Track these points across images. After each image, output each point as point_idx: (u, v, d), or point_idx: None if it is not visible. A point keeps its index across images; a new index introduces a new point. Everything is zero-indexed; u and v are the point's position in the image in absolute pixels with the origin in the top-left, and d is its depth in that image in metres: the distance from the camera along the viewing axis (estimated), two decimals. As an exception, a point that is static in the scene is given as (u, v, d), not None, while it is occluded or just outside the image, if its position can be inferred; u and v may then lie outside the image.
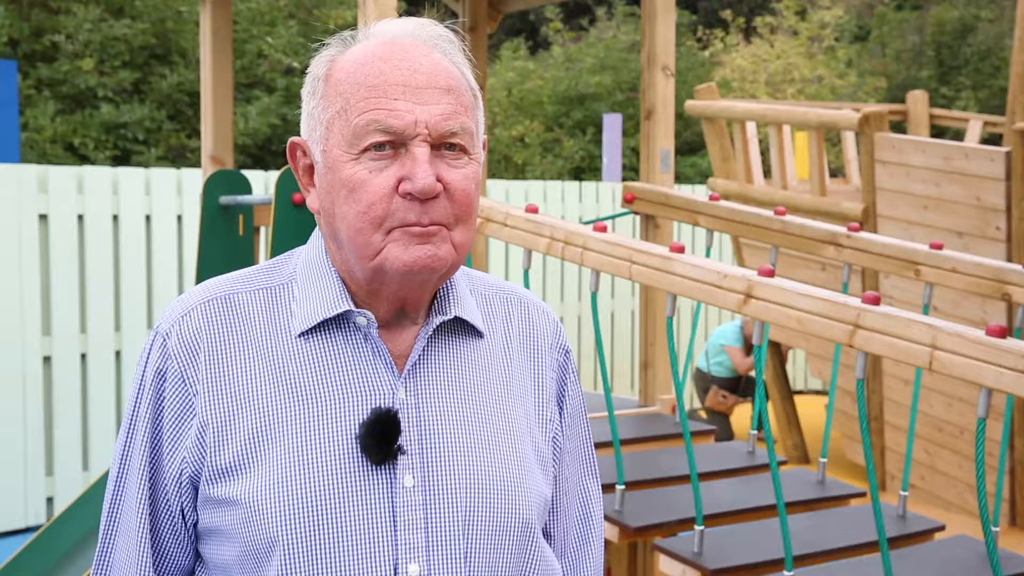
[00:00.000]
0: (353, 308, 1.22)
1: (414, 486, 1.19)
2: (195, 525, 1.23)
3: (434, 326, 1.25)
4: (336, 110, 1.19)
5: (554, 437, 1.35)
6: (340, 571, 1.16)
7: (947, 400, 5.66)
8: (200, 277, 4.21)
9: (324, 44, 1.26)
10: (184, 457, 1.20)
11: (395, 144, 1.17)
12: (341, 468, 1.17)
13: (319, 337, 1.23)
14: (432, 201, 1.17)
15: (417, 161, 1.16)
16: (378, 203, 1.16)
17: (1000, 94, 14.05)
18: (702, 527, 3.04)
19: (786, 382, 7.54)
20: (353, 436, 1.18)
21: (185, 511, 1.23)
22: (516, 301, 1.37)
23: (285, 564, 1.16)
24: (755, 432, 3.97)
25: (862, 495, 3.67)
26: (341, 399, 1.20)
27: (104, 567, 1.27)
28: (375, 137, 1.16)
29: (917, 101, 8.67)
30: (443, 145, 1.18)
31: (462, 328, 1.29)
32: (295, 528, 1.16)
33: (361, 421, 1.18)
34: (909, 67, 16.38)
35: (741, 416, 7.63)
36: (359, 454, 1.18)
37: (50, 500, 5.77)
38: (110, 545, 1.27)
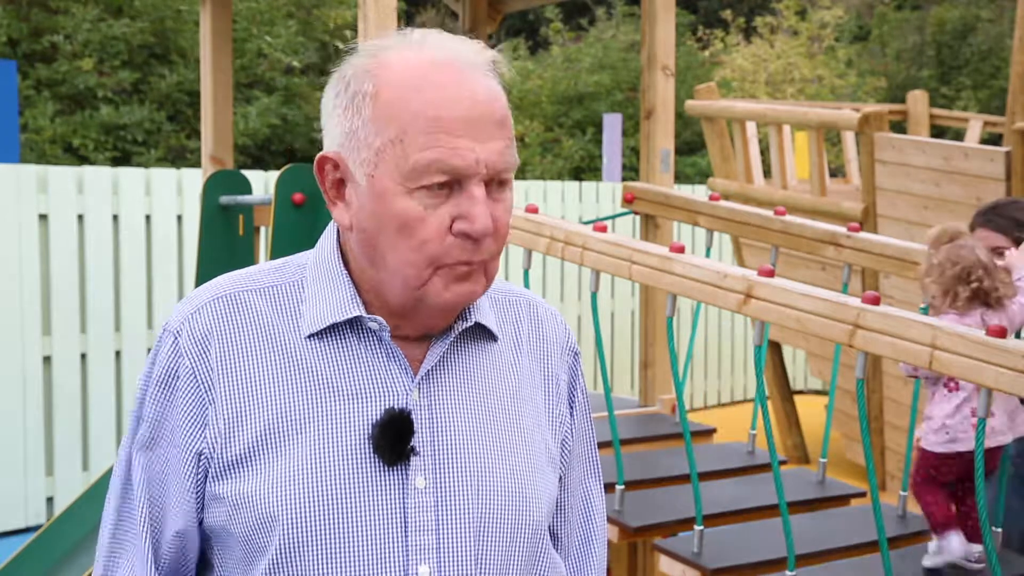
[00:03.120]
0: (364, 314, 1.21)
1: (426, 487, 1.18)
2: (202, 523, 1.23)
3: (456, 333, 1.25)
4: (389, 138, 1.15)
5: (563, 439, 1.35)
6: (349, 571, 1.15)
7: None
8: (200, 277, 4.21)
9: (351, 50, 1.22)
10: (194, 455, 1.20)
11: (451, 182, 1.15)
12: (353, 468, 1.17)
13: (333, 337, 1.22)
14: (483, 240, 1.17)
15: (475, 201, 1.15)
16: (432, 241, 1.15)
17: (1000, 94, 14.05)
18: (702, 527, 3.04)
19: (786, 382, 7.53)
20: (366, 436, 1.18)
21: (194, 509, 1.22)
22: (525, 304, 1.37)
23: (294, 563, 1.15)
24: (755, 432, 3.97)
25: (862, 495, 3.67)
26: (354, 399, 1.20)
27: (107, 567, 1.26)
28: (437, 177, 1.14)
29: (917, 101, 8.66)
30: (494, 181, 1.18)
31: (478, 332, 1.29)
32: (304, 527, 1.15)
33: (374, 421, 1.18)
34: (909, 67, 16.39)
35: (741, 416, 7.62)
36: (371, 454, 1.17)
37: (50, 500, 5.77)
38: (112, 544, 1.26)
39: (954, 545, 2.94)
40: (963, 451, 2.94)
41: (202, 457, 1.20)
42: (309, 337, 1.22)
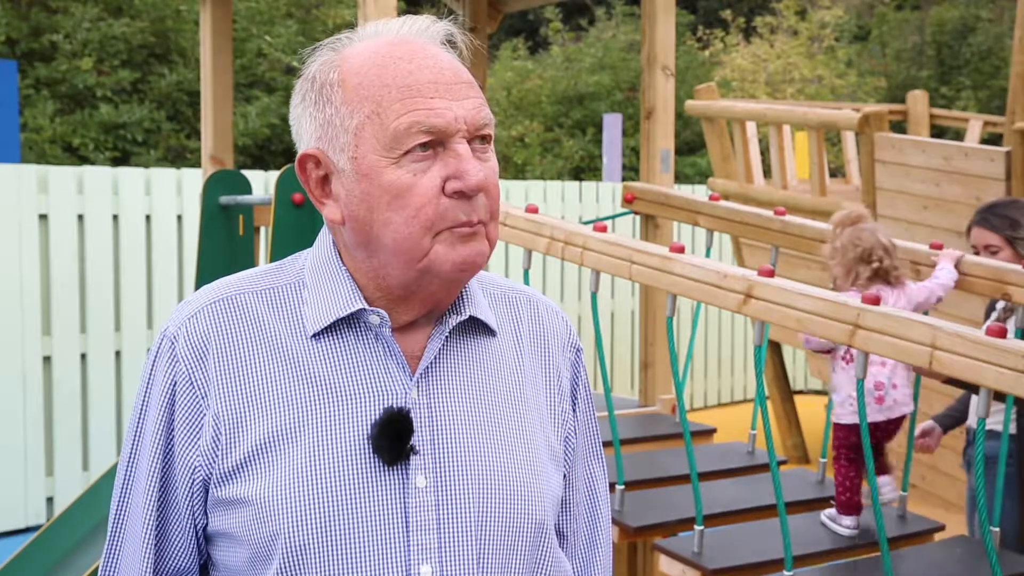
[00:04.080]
0: (366, 307, 1.21)
1: (426, 486, 1.18)
2: (205, 528, 1.23)
3: (451, 326, 1.24)
4: (366, 114, 1.16)
5: (567, 436, 1.34)
6: (351, 572, 1.15)
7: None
8: (200, 277, 4.21)
9: (314, 49, 1.24)
10: (196, 461, 1.20)
11: (434, 143, 1.15)
12: (353, 468, 1.17)
13: (330, 337, 1.22)
14: (476, 197, 1.17)
15: (463, 158, 1.15)
16: (427, 205, 1.15)
17: (1000, 94, 14.05)
18: (702, 527, 3.04)
19: (786, 382, 7.53)
20: (365, 436, 1.17)
21: (196, 515, 1.22)
22: (525, 300, 1.36)
23: (295, 565, 1.15)
24: (755, 432, 3.97)
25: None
26: (353, 399, 1.19)
27: (110, 572, 1.26)
28: (419, 139, 1.14)
29: (917, 101, 8.66)
30: (476, 139, 1.18)
31: (474, 327, 1.28)
32: (305, 528, 1.15)
33: (373, 421, 1.17)
34: (909, 67, 16.39)
35: (741, 416, 7.63)
36: (371, 454, 1.17)
37: (50, 500, 5.77)
38: (117, 550, 1.26)
39: (845, 524, 3.23)
40: (870, 422, 3.13)
41: (200, 463, 1.19)
42: (311, 337, 1.21)
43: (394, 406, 1.18)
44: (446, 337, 1.25)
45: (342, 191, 1.19)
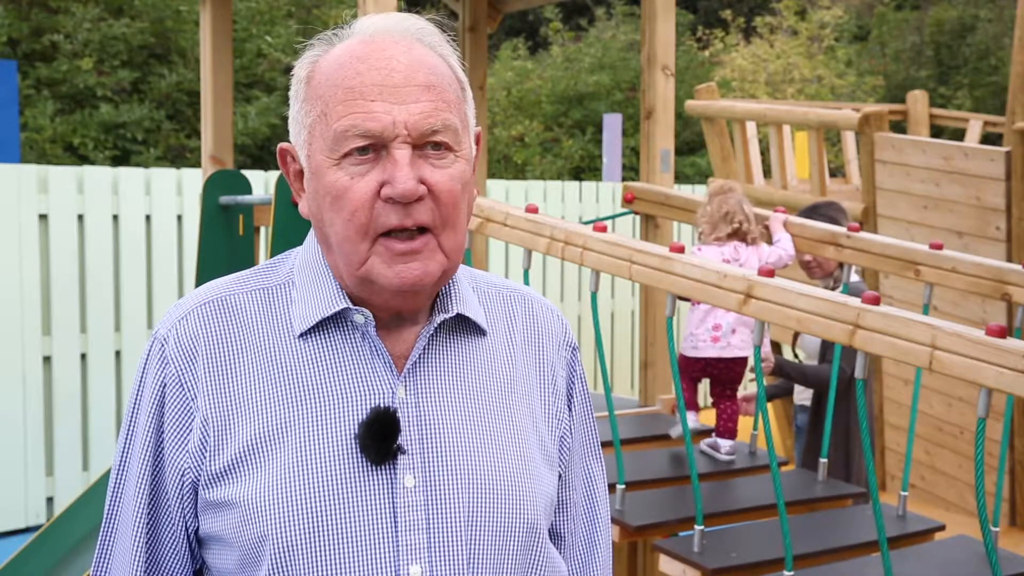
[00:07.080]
0: (350, 306, 1.21)
1: (415, 486, 1.17)
2: (196, 531, 1.22)
3: (436, 325, 1.23)
4: (317, 114, 1.17)
5: (562, 436, 1.33)
6: (340, 573, 1.14)
7: (947, 400, 5.66)
8: (200, 277, 4.21)
9: (309, 45, 1.24)
10: (185, 463, 1.19)
11: (376, 147, 1.15)
12: (340, 468, 1.16)
13: (317, 337, 1.21)
14: (416, 203, 1.15)
15: (397, 164, 1.14)
16: (360, 210, 1.14)
17: (997, 93, 14.05)
18: (702, 527, 3.04)
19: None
20: (352, 436, 1.17)
21: (187, 518, 1.22)
22: (519, 299, 1.35)
23: (284, 567, 1.15)
24: (756, 432, 3.97)
25: (863, 495, 3.67)
26: (340, 399, 1.19)
27: (101, 574, 1.26)
28: (355, 143, 1.14)
29: (917, 101, 8.66)
30: (427, 144, 1.16)
31: (464, 326, 1.27)
32: (293, 530, 1.14)
33: (360, 421, 1.17)
34: (908, 67, 16.39)
35: (741, 416, 7.61)
36: (358, 454, 1.16)
37: (50, 500, 5.77)
38: (107, 552, 1.26)
39: (688, 420, 3.66)
40: (703, 356, 3.72)
41: (190, 465, 1.19)
42: (299, 337, 1.21)
43: (380, 405, 1.18)
44: (433, 335, 1.24)
45: (306, 187, 1.22)
